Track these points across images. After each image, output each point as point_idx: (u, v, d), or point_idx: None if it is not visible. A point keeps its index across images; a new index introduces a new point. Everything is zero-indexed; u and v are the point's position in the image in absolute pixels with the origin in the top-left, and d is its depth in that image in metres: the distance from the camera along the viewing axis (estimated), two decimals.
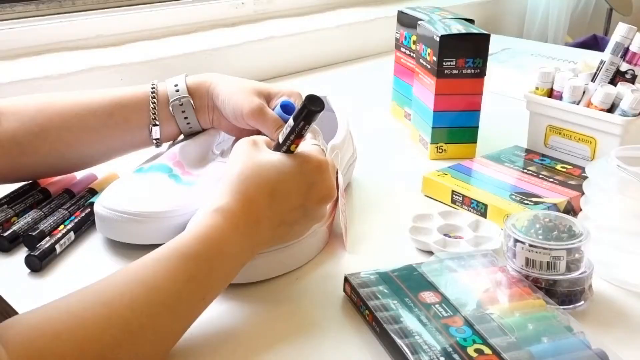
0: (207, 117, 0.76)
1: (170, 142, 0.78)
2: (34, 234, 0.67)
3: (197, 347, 0.56)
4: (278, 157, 0.59)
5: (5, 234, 0.68)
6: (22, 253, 0.67)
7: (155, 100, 0.73)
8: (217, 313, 0.60)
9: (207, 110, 0.75)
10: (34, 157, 0.71)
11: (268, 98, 0.73)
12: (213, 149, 0.78)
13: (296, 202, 0.59)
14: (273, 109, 0.72)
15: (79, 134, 0.72)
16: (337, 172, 0.73)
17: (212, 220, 0.55)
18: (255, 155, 0.59)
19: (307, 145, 0.61)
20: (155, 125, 0.74)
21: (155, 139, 0.74)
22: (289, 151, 0.59)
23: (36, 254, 0.64)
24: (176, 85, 0.75)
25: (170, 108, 0.74)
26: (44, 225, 0.69)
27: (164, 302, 0.50)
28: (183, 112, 0.74)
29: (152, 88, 0.74)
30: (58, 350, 0.44)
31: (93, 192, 0.77)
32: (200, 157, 0.76)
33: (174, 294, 0.51)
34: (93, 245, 0.70)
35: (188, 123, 0.75)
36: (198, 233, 0.54)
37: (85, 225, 0.71)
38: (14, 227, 0.69)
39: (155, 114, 0.73)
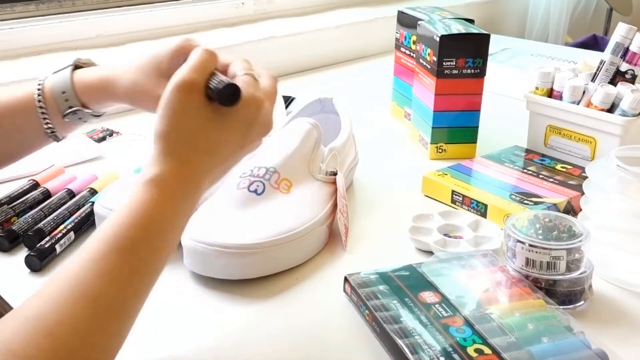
0: (109, 109, 0.68)
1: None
2: (33, 234, 0.67)
3: (196, 346, 0.56)
4: (212, 109, 0.52)
5: (5, 234, 0.68)
6: (22, 253, 0.67)
7: (44, 108, 0.65)
8: (217, 313, 0.60)
9: (107, 106, 0.67)
10: None
11: (166, 71, 0.60)
12: None
13: (236, 147, 0.54)
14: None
15: None
16: (336, 173, 0.73)
17: (147, 194, 0.49)
18: (194, 111, 0.51)
19: (240, 81, 0.54)
20: (53, 132, 0.67)
21: (58, 140, 0.69)
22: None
23: (36, 254, 0.64)
24: (64, 93, 0.65)
25: (65, 119, 0.66)
26: (44, 225, 0.69)
27: (109, 309, 0.45)
28: (80, 118, 0.66)
29: (39, 92, 0.65)
30: None
31: (93, 192, 0.77)
32: None
33: (118, 296, 0.46)
34: None
35: (88, 122, 0.68)
36: (133, 215, 0.48)
37: (85, 225, 0.71)
38: (14, 227, 0.69)
39: (48, 123, 0.66)
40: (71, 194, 0.76)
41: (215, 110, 0.52)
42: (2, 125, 0.66)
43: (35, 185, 0.77)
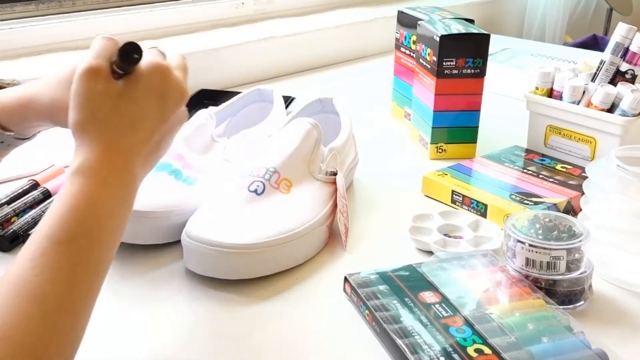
0: (37, 130, 0.63)
1: None
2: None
3: (196, 346, 0.56)
4: (120, 85, 0.51)
5: (5, 234, 0.68)
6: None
7: None
8: (217, 313, 0.60)
9: (36, 128, 0.62)
10: None
11: None
12: (213, 134, 0.78)
13: (156, 119, 0.54)
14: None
15: None
16: (336, 173, 0.73)
17: (76, 186, 0.48)
18: (104, 93, 0.51)
19: (145, 56, 0.54)
20: None
21: None
22: (128, 74, 0.53)
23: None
24: None
25: None
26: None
27: (58, 305, 0.44)
28: (2, 142, 0.61)
29: None
30: None
31: None
32: (201, 145, 0.76)
33: (65, 290, 0.44)
34: None
35: (13, 147, 0.62)
36: (66, 208, 0.47)
37: None
38: (14, 227, 0.69)
39: None
40: None
41: (124, 87, 0.52)
42: None
43: (35, 185, 0.77)
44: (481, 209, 0.75)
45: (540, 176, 0.81)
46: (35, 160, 0.85)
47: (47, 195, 0.76)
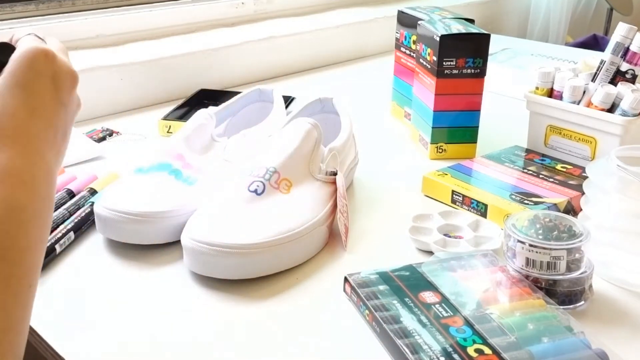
0: None
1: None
2: None
3: (195, 345, 0.56)
4: (3, 78, 0.48)
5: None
6: None
7: None
8: (217, 313, 0.60)
9: None
10: None
11: None
12: (213, 134, 0.78)
13: (54, 104, 0.50)
14: None
15: None
16: (336, 173, 0.73)
17: None
18: None
19: (22, 43, 0.51)
20: None
21: None
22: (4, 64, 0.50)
23: None
24: None
25: None
26: None
27: None
28: None
29: None
30: None
31: (93, 192, 0.77)
32: (201, 145, 0.76)
33: (1, 313, 0.41)
34: (93, 246, 0.70)
35: None
36: None
37: (85, 225, 0.71)
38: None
39: None
40: (71, 194, 0.76)
41: (8, 76, 0.48)
42: None
43: None
44: (481, 209, 0.75)
45: (541, 176, 0.81)
46: None
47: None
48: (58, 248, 0.67)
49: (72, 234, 0.69)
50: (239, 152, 0.77)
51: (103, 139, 0.97)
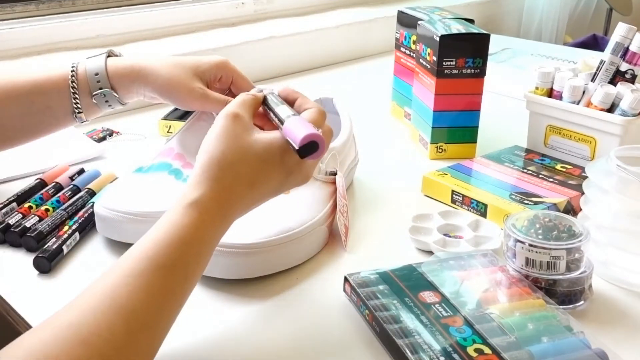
0: (134, 98, 0.73)
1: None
2: (32, 235, 0.67)
3: (196, 346, 0.56)
4: (262, 145, 0.54)
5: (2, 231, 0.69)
6: (27, 254, 0.67)
7: (75, 88, 0.70)
8: (217, 313, 0.60)
9: (134, 96, 0.73)
10: None
11: (201, 74, 0.71)
12: None
13: (273, 188, 0.56)
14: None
15: (2, 120, 0.70)
16: (336, 173, 0.73)
17: (187, 218, 0.50)
18: (240, 137, 0.54)
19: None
20: (80, 112, 0.71)
21: (81, 122, 0.73)
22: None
23: (45, 255, 0.64)
24: (97, 75, 0.70)
25: (93, 99, 0.71)
26: (42, 227, 0.69)
27: (144, 325, 0.46)
28: (107, 101, 0.72)
29: (72, 73, 0.70)
30: None
31: (92, 193, 0.77)
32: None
33: (153, 313, 0.47)
34: (94, 246, 0.70)
35: (112, 107, 0.73)
36: (173, 236, 0.49)
37: (88, 226, 0.71)
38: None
39: (77, 103, 0.71)
40: (59, 189, 0.78)
41: (265, 149, 0.54)
42: (35, 103, 0.70)
43: (43, 184, 0.78)
44: (481, 209, 0.75)
45: (540, 176, 0.81)
46: (35, 160, 0.85)
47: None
48: (65, 249, 0.67)
49: (77, 234, 0.69)
50: None
51: (103, 139, 0.97)
